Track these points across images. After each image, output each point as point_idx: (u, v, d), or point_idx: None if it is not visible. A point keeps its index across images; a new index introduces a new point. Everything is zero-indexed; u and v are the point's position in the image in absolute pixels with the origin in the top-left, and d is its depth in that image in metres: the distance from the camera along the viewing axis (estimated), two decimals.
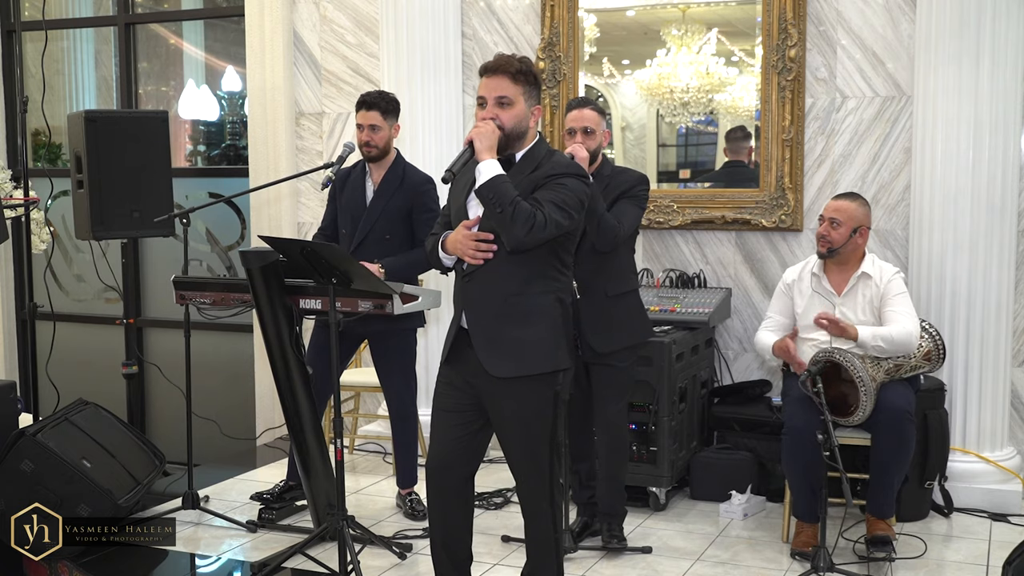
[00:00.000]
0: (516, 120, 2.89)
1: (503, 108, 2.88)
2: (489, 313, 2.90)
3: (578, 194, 2.89)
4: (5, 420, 4.19)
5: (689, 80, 5.13)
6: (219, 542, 4.16)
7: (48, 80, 5.35)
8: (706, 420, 4.81)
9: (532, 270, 2.88)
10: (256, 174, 5.80)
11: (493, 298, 2.89)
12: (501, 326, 2.88)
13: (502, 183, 2.78)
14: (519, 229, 2.75)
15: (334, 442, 3.61)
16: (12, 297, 6.75)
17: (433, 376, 5.30)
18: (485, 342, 2.89)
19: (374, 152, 4.25)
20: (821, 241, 4.02)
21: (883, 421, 3.80)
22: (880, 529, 3.92)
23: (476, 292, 2.92)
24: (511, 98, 2.88)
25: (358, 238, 4.26)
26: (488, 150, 2.83)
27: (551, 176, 2.88)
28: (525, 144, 2.95)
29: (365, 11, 5.68)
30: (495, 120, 2.87)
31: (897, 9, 4.73)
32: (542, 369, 2.89)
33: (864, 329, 3.85)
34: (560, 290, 2.95)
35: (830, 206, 4.03)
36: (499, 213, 2.76)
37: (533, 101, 2.94)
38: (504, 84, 2.88)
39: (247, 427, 6.03)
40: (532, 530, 3.04)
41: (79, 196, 4.81)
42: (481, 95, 2.92)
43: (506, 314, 2.88)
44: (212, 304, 4.15)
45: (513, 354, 2.87)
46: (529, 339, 2.88)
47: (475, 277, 2.91)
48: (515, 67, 2.89)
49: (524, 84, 2.90)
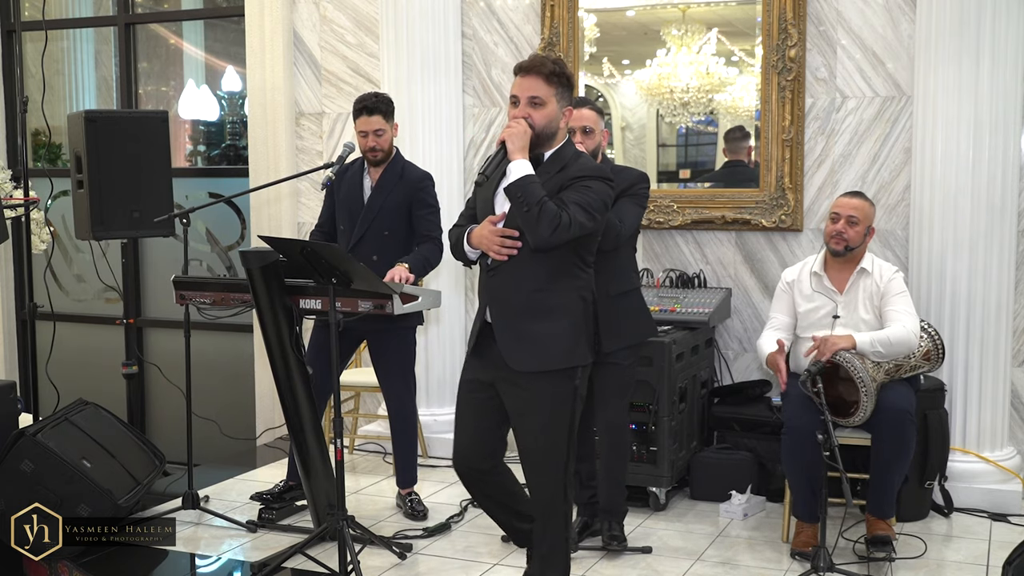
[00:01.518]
0: (547, 120, 2.96)
1: (535, 108, 2.95)
2: (512, 308, 2.98)
3: (602, 196, 2.97)
4: (5, 420, 4.19)
5: (689, 80, 5.13)
6: (219, 542, 4.16)
7: (48, 80, 5.35)
8: (706, 420, 4.81)
9: (555, 267, 2.96)
10: (256, 174, 5.80)
11: (517, 294, 2.97)
12: (524, 321, 2.97)
13: (531, 183, 2.86)
14: (544, 229, 2.83)
15: (334, 442, 3.61)
16: (12, 297, 6.76)
17: (433, 376, 5.37)
18: (508, 336, 2.97)
19: (379, 155, 4.25)
20: (837, 239, 3.99)
21: (883, 421, 3.80)
22: (880, 529, 3.92)
23: (500, 288, 3.00)
24: (543, 98, 2.95)
25: (357, 234, 4.27)
26: (520, 150, 2.90)
27: (577, 178, 2.95)
28: (555, 144, 3.02)
29: (365, 11, 5.68)
30: (527, 119, 2.93)
31: (897, 9, 4.73)
32: (562, 364, 2.97)
33: (861, 336, 3.83)
34: (582, 287, 3.03)
35: (847, 204, 4.01)
36: (526, 212, 2.84)
37: (565, 102, 3.00)
38: (538, 84, 2.94)
39: (247, 427, 6.03)
40: (541, 526, 3.06)
41: (79, 196, 4.81)
42: (514, 94, 2.98)
43: (529, 310, 2.96)
44: (212, 304, 4.15)
45: (534, 349, 2.95)
46: (550, 334, 2.96)
47: (499, 273, 2.99)
48: (549, 68, 2.95)
49: (557, 85, 2.96)
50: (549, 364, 2.96)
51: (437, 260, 4.25)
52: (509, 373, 2.99)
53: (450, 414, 5.44)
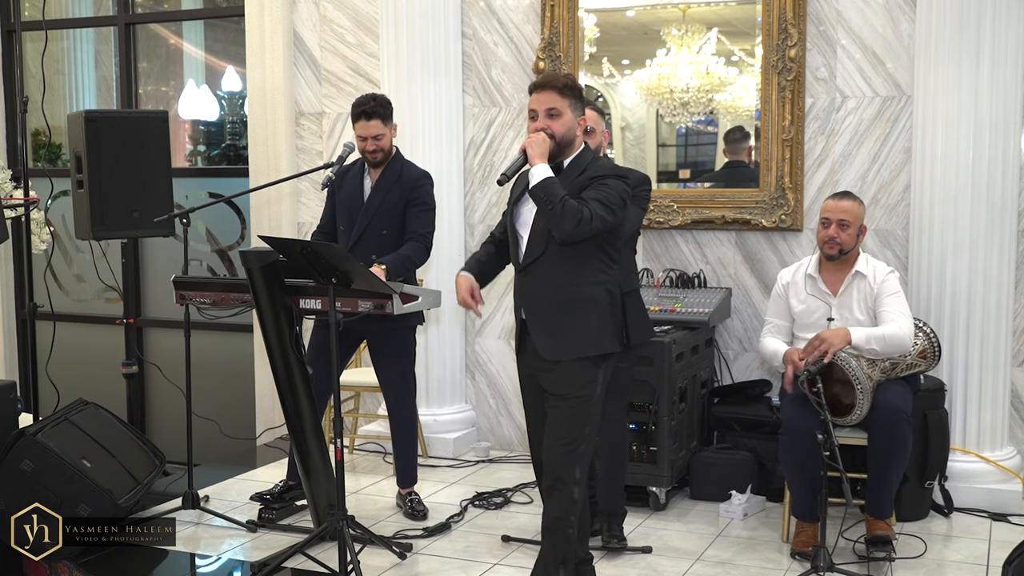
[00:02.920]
0: (565, 128, 3.20)
1: (553, 119, 3.19)
2: (543, 303, 3.23)
3: (620, 192, 3.19)
4: (5, 420, 4.19)
5: (689, 80, 5.13)
6: (219, 542, 4.16)
7: (48, 80, 5.35)
8: (706, 420, 4.81)
9: (581, 263, 3.20)
10: (256, 174, 5.80)
11: (546, 290, 3.22)
12: (554, 314, 3.21)
13: (552, 184, 3.10)
14: (568, 223, 3.05)
15: (334, 442, 3.61)
16: (12, 297, 6.76)
17: (433, 376, 5.38)
18: (540, 329, 3.23)
19: (379, 157, 4.25)
20: (830, 244, 3.98)
21: (879, 421, 3.80)
22: (880, 529, 3.92)
23: (532, 286, 3.25)
24: (560, 109, 3.19)
25: (356, 234, 4.27)
26: (540, 156, 3.14)
27: (595, 177, 3.18)
28: (573, 151, 3.25)
29: (365, 11, 5.68)
30: (546, 130, 3.18)
31: (897, 9, 4.73)
32: (587, 352, 3.19)
33: (857, 331, 3.84)
34: (608, 281, 3.25)
35: (836, 207, 4.00)
36: (549, 210, 3.07)
37: (579, 112, 3.25)
38: (552, 97, 3.19)
39: (247, 427, 6.03)
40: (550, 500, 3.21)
41: (79, 196, 4.81)
42: (532, 108, 3.23)
43: (558, 303, 3.21)
44: (212, 304, 4.15)
45: (563, 338, 3.19)
46: (578, 326, 3.19)
47: (530, 272, 3.24)
48: (561, 82, 3.21)
49: (570, 97, 3.21)
50: (575, 352, 3.18)
51: (421, 260, 4.25)
52: (542, 362, 3.23)
53: (450, 414, 5.45)
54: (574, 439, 3.18)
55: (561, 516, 3.18)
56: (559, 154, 3.21)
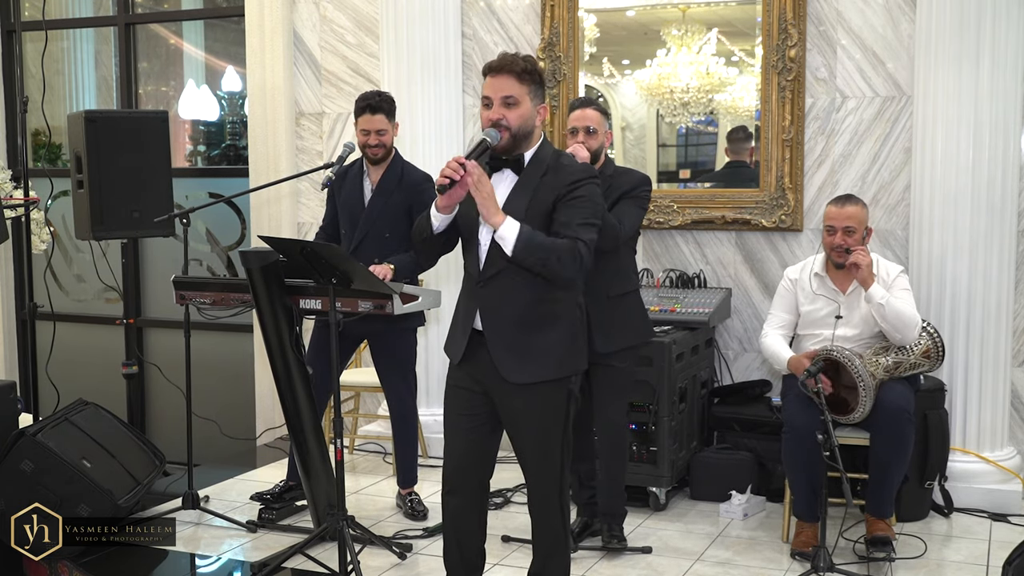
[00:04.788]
0: (522, 120, 2.85)
1: (509, 108, 2.83)
2: (509, 319, 2.87)
3: (596, 200, 2.90)
4: (5, 420, 4.19)
5: (689, 80, 5.14)
6: (219, 542, 4.16)
7: (48, 80, 5.35)
8: (706, 420, 4.81)
9: None
10: (256, 174, 5.80)
11: (513, 305, 2.87)
12: (521, 332, 2.87)
13: (530, 239, 2.75)
14: (571, 271, 2.79)
15: (334, 442, 3.61)
16: (12, 297, 6.76)
17: (433, 376, 5.37)
18: (503, 348, 2.87)
19: (380, 153, 4.25)
20: (839, 252, 3.94)
21: (881, 420, 3.80)
22: (880, 529, 3.92)
23: (495, 298, 2.88)
24: (517, 98, 2.83)
25: (358, 237, 4.26)
26: (496, 213, 2.77)
27: (570, 186, 2.85)
28: (531, 144, 2.91)
29: (365, 11, 5.68)
30: (501, 121, 2.83)
31: (897, 9, 4.73)
32: (560, 374, 2.89)
33: (877, 287, 3.85)
34: (577, 292, 2.96)
35: (841, 214, 3.95)
36: (544, 268, 2.77)
37: (539, 100, 2.89)
38: (510, 84, 2.83)
39: (247, 427, 6.03)
40: (542, 528, 3.03)
41: (79, 196, 4.81)
42: (486, 95, 2.87)
43: (527, 321, 2.87)
44: (212, 304, 4.15)
45: (533, 361, 2.86)
46: (549, 345, 2.87)
47: (493, 283, 2.88)
48: (520, 66, 2.84)
49: (530, 83, 2.86)
50: (544, 375, 2.87)
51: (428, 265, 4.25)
52: (502, 383, 2.88)
53: None
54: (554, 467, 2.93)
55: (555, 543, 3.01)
56: (515, 147, 2.86)
